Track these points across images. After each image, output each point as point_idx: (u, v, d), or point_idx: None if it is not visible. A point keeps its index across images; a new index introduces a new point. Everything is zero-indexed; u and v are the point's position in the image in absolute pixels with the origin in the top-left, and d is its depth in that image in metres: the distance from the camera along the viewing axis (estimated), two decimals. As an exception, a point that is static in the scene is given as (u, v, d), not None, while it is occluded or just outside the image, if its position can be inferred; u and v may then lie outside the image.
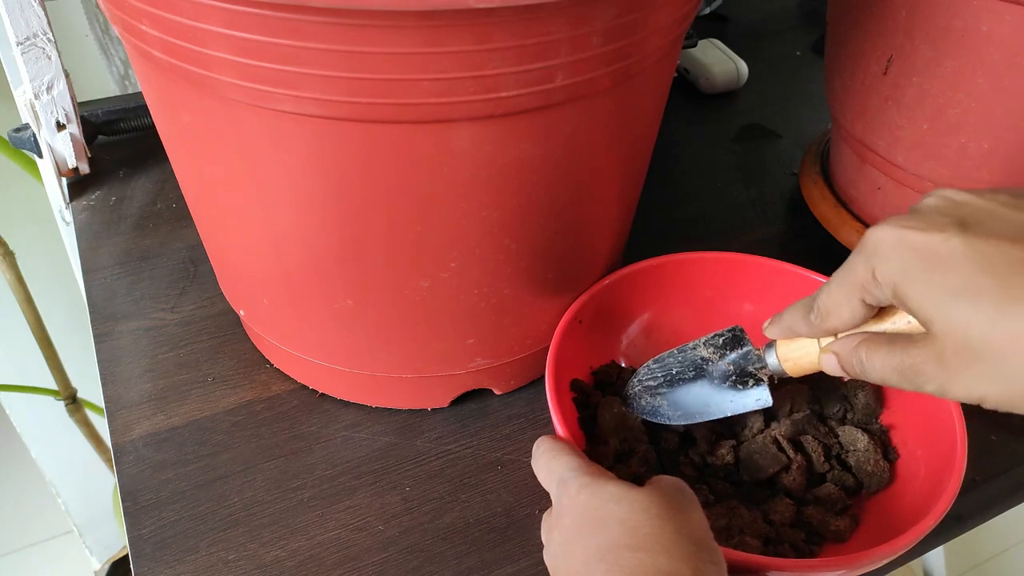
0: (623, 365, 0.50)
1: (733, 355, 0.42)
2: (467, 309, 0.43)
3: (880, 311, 0.34)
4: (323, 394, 0.51)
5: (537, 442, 0.40)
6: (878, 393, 0.47)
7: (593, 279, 0.48)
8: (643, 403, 0.45)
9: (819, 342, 0.37)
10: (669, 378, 0.44)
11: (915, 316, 0.29)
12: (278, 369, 0.52)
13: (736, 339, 0.43)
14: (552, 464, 0.37)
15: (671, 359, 0.45)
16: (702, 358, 0.43)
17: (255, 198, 0.38)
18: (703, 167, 0.73)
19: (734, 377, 0.42)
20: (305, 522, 0.44)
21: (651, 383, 0.45)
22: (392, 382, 0.48)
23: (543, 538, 0.37)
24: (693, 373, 0.43)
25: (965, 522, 0.47)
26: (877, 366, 0.32)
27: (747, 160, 0.74)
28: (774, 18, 0.98)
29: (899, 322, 0.33)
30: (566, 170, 0.38)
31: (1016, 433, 0.51)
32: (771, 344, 0.40)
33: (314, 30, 0.29)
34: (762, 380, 0.41)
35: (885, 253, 0.30)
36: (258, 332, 0.50)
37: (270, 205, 0.38)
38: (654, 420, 0.45)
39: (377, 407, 0.50)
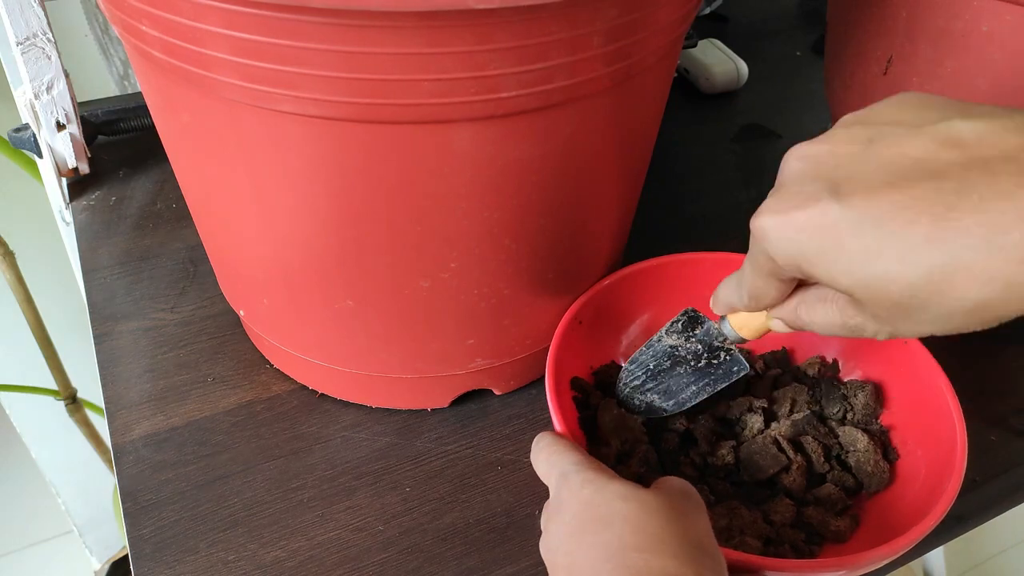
0: (623, 365, 0.50)
1: (697, 335, 0.43)
2: (467, 309, 0.43)
3: None
4: (323, 394, 0.51)
5: (538, 436, 0.40)
6: (878, 393, 0.47)
7: (593, 279, 0.48)
8: (636, 403, 0.46)
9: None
10: (649, 373, 0.45)
11: (833, 288, 0.29)
12: (278, 369, 0.52)
13: (692, 319, 0.43)
14: (553, 458, 0.37)
15: (643, 356, 0.45)
16: (671, 346, 0.44)
17: (255, 198, 0.38)
18: (703, 167, 0.73)
19: (706, 355, 0.43)
20: (305, 522, 0.44)
21: (636, 383, 0.45)
22: (392, 382, 0.48)
23: (542, 526, 0.36)
24: (669, 362, 0.44)
25: (965, 522, 0.47)
26: (820, 323, 0.33)
27: (747, 160, 0.74)
28: (774, 18, 0.98)
29: None
30: (566, 170, 0.38)
31: (1016, 433, 0.52)
32: (724, 316, 0.41)
33: (314, 31, 0.29)
34: (731, 350, 0.42)
35: (775, 240, 0.29)
36: (258, 332, 0.50)
37: (270, 205, 0.38)
38: (653, 416, 0.45)
39: (377, 407, 0.50)
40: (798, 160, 0.30)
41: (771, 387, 0.48)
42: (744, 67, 0.83)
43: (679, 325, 0.43)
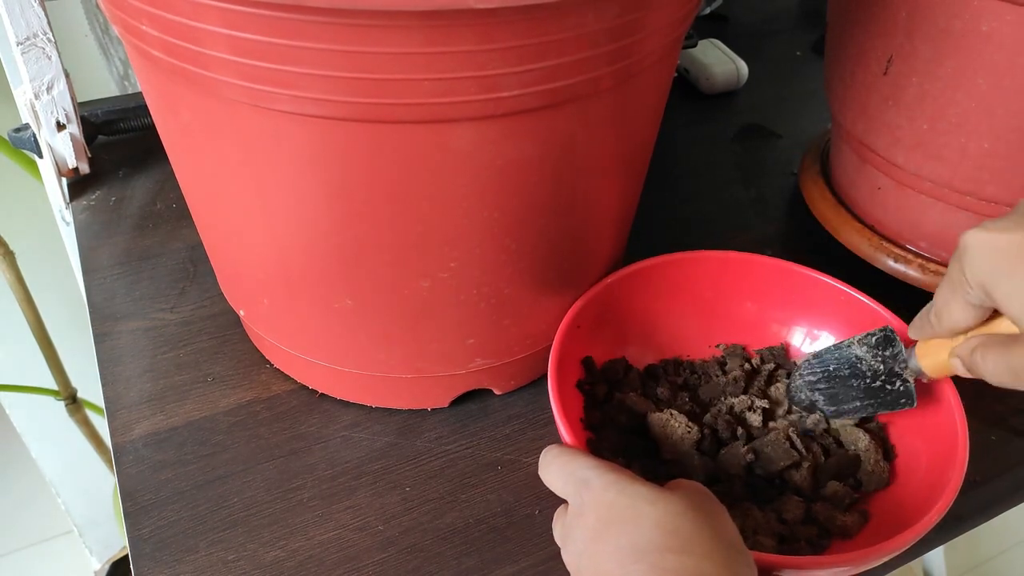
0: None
1: (885, 355, 0.43)
2: (467, 309, 0.43)
3: (996, 312, 0.34)
4: (323, 394, 0.51)
5: (546, 449, 0.38)
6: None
7: (593, 279, 0.48)
8: (803, 396, 0.46)
9: (951, 347, 0.38)
10: (827, 374, 0.45)
11: (1007, 316, 0.30)
12: (278, 369, 0.52)
13: (887, 339, 0.43)
14: (568, 466, 0.36)
15: (828, 356, 0.45)
16: (856, 356, 0.44)
17: (255, 198, 0.38)
18: (703, 167, 0.73)
19: (883, 377, 0.43)
20: (305, 522, 0.44)
21: (811, 378, 0.46)
22: (392, 382, 0.48)
23: (557, 538, 0.36)
24: (848, 371, 0.44)
25: (965, 522, 0.47)
26: (991, 368, 0.33)
27: (747, 160, 0.74)
28: (774, 18, 0.98)
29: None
30: (566, 170, 0.38)
31: (1016, 433, 0.51)
32: (914, 346, 0.42)
33: (314, 30, 0.29)
34: (908, 381, 0.42)
35: (972, 255, 0.31)
36: (258, 332, 0.50)
37: (270, 205, 0.38)
38: (810, 412, 0.46)
39: (377, 407, 0.50)
40: None
41: (767, 381, 0.49)
42: (744, 67, 0.83)
43: (873, 340, 0.44)
